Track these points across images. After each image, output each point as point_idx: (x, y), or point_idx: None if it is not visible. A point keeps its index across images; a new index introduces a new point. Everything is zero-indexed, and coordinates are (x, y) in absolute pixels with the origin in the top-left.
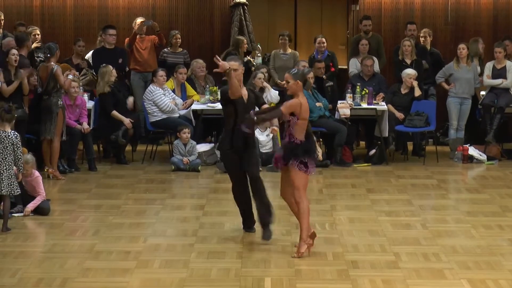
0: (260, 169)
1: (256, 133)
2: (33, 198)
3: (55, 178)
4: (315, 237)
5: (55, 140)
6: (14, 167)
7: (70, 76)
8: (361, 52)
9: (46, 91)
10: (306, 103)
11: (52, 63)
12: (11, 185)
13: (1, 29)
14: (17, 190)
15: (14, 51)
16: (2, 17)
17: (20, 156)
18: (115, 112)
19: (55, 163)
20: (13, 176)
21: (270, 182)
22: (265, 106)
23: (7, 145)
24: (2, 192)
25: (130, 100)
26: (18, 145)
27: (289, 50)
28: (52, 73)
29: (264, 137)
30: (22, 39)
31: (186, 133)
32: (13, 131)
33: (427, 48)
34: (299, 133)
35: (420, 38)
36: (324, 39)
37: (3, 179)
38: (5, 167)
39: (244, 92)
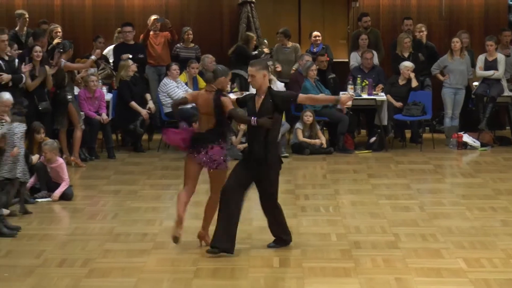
0: None
1: None
2: (57, 184)
3: (77, 166)
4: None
5: (77, 130)
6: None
7: (93, 57)
8: (361, 46)
9: (57, 86)
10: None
11: (62, 60)
12: (24, 171)
13: (25, 27)
14: (27, 178)
15: (38, 48)
16: (27, 16)
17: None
18: (133, 103)
19: (77, 151)
20: (25, 164)
21: None
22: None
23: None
24: (18, 175)
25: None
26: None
27: (290, 44)
28: (61, 68)
29: None
30: (37, 35)
31: None
32: (19, 124)
33: (422, 41)
34: None
35: (416, 33)
36: (318, 33)
37: (18, 166)
38: (20, 156)
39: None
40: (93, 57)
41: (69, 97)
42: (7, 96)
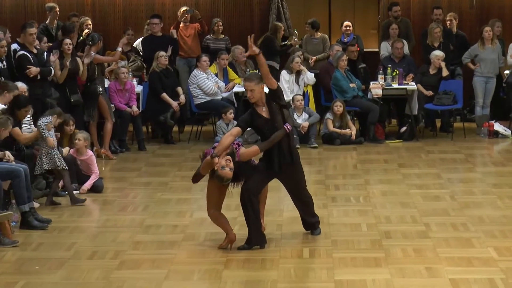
0: None
1: None
2: (87, 177)
3: (107, 158)
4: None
5: (107, 123)
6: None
7: (119, 49)
8: (392, 36)
9: (87, 79)
10: None
11: (92, 52)
12: (61, 159)
13: (55, 20)
14: (61, 165)
15: (68, 40)
16: (58, 9)
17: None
18: (164, 95)
19: (107, 143)
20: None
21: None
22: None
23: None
24: (57, 164)
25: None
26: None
27: (319, 35)
28: (91, 61)
29: None
30: (67, 30)
31: (231, 113)
32: (44, 117)
33: (453, 30)
34: None
35: (446, 22)
36: (349, 23)
37: (55, 156)
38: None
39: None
40: (119, 49)
41: (99, 89)
42: (20, 83)
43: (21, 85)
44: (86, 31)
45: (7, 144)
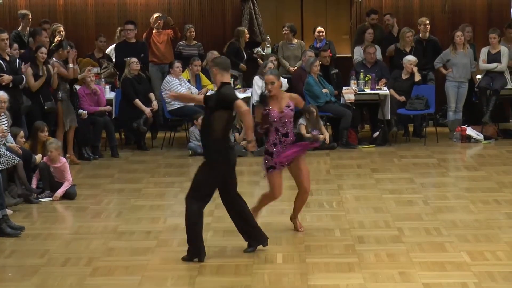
0: None
1: None
2: (60, 184)
3: (72, 162)
4: None
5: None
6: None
7: (94, 69)
8: (367, 40)
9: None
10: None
11: (54, 58)
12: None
13: (28, 27)
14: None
15: (43, 49)
16: (30, 16)
17: None
18: (137, 101)
19: (70, 149)
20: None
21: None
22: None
23: None
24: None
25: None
26: None
27: (295, 40)
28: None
29: None
30: (34, 34)
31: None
32: None
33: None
34: None
35: (420, 26)
36: (322, 29)
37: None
38: None
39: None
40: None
41: (60, 95)
42: (1, 92)
43: (2, 94)
44: (58, 37)
45: None
